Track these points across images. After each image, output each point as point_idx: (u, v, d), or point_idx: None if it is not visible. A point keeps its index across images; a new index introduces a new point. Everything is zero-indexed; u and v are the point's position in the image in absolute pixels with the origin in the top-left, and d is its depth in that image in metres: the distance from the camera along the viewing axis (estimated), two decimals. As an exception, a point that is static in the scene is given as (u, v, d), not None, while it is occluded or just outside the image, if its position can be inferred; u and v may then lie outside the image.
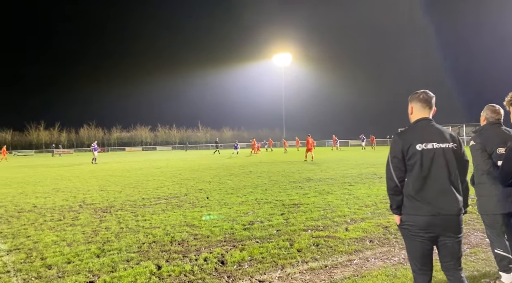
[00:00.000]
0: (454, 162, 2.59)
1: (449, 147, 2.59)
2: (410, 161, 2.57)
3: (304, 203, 7.98)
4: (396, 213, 2.71)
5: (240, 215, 6.97)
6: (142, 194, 10.21)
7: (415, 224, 2.56)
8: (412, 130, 2.67)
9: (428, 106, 2.71)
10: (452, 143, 2.62)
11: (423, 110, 2.71)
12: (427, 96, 2.71)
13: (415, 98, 2.74)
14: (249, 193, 9.69)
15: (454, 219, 2.54)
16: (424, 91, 2.75)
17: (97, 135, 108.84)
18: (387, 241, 5.09)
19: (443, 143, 2.59)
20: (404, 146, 2.58)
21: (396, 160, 2.61)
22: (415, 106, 2.74)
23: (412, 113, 2.78)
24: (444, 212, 2.51)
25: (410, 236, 2.62)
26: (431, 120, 2.71)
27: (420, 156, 2.54)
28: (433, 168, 2.54)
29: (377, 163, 19.36)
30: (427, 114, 2.71)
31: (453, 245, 2.59)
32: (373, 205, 7.62)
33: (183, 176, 15.30)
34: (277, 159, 27.85)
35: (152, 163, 26.95)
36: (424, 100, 2.71)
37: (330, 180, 12.37)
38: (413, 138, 2.59)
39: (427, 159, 2.54)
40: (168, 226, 6.20)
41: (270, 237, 5.40)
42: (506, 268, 3.53)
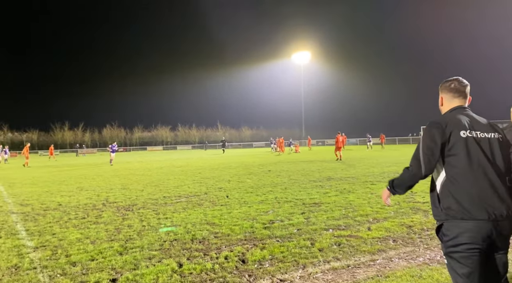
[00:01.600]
0: (501, 155, 2.17)
1: (494, 137, 2.21)
2: (452, 150, 2.16)
3: (325, 202, 7.88)
4: (393, 191, 2.43)
5: (260, 213, 6.94)
6: (163, 192, 10.33)
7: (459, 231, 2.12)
8: (450, 118, 2.27)
9: (462, 96, 2.37)
10: (497, 133, 2.24)
11: (456, 100, 2.38)
12: (460, 85, 2.38)
13: (446, 88, 2.42)
14: (269, 192, 9.66)
15: (504, 223, 2.10)
16: (457, 79, 2.41)
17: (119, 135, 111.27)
18: (411, 240, 4.96)
19: (487, 132, 2.21)
20: (444, 133, 2.17)
21: (430, 151, 2.18)
22: (446, 97, 2.42)
23: (442, 105, 2.45)
24: (494, 214, 2.07)
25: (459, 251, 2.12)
26: (467, 108, 2.36)
27: (465, 145, 2.14)
28: (481, 160, 2.12)
29: (399, 162, 18.99)
30: (462, 103, 2.37)
31: (501, 258, 2.16)
32: (396, 204, 7.45)
33: (203, 174, 15.41)
34: (296, 158, 27.70)
35: (173, 162, 27.27)
36: (455, 90, 2.37)
37: (351, 178, 12.19)
38: (455, 125, 2.20)
39: (474, 149, 2.14)
40: (189, 224, 6.23)
41: (290, 236, 5.35)
42: None
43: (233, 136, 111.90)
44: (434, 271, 3.79)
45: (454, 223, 2.13)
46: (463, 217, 2.10)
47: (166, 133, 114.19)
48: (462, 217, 2.10)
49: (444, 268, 3.80)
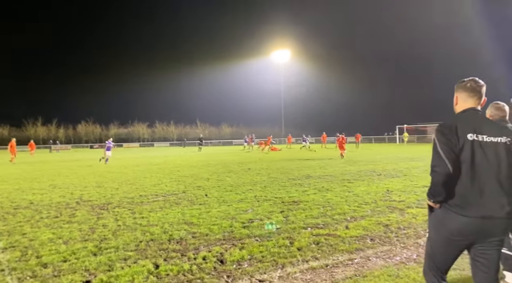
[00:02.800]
0: (506, 159, 2.27)
1: (501, 141, 2.29)
2: (459, 151, 2.27)
3: (303, 200, 7.92)
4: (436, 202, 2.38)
5: (240, 212, 6.90)
6: (139, 190, 10.12)
7: (453, 224, 2.28)
8: (460, 119, 2.37)
9: (477, 96, 2.42)
10: (506, 137, 2.30)
11: (471, 100, 2.43)
12: (476, 85, 2.43)
13: (461, 87, 2.47)
14: (248, 190, 9.62)
15: (499, 224, 2.23)
16: (473, 79, 2.47)
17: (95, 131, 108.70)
18: (388, 239, 5.03)
19: (495, 137, 2.29)
20: (455, 134, 2.27)
21: (448, 146, 2.27)
22: (461, 96, 2.47)
23: (457, 104, 2.50)
24: (491, 215, 2.21)
25: (442, 235, 2.33)
26: (479, 111, 2.43)
27: (470, 147, 2.25)
28: (483, 163, 2.25)
29: (376, 160, 19.34)
30: (475, 105, 2.43)
31: (493, 254, 2.30)
32: (372, 202, 7.57)
33: (181, 172, 15.21)
34: (275, 156, 27.80)
35: (150, 159, 26.84)
36: (471, 89, 2.43)
37: (329, 177, 12.32)
38: (464, 127, 2.30)
39: (478, 152, 2.25)
40: (166, 224, 6.12)
41: (269, 235, 5.33)
42: (511, 267, 3.53)
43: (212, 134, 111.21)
44: (411, 270, 3.85)
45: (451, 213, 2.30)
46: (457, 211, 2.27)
47: (143, 130, 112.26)
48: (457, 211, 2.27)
49: (420, 267, 3.86)
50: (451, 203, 2.30)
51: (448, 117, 2.53)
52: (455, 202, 2.28)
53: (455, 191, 2.28)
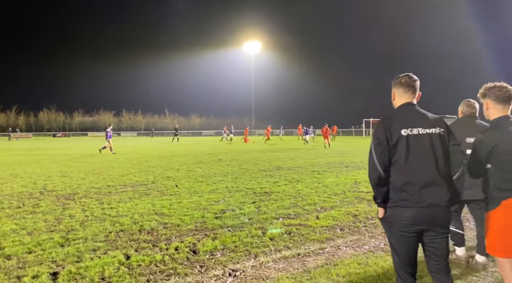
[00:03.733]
0: (441, 149, 2.40)
1: (435, 132, 2.41)
2: (394, 147, 2.39)
3: (274, 191, 8.01)
4: (380, 205, 2.50)
5: (211, 203, 6.88)
6: (107, 181, 9.86)
7: (401, 217, 2.37)
8: (396, 116, 2.51)
9: (411, 91, 2.55)
10: (439, 128, 2.44)
11: (406, 95, 2.56)
12: (410, 80, 2.56)
13: (397, 83, 2.60)
14: (220, 181, 9.60)
15: (442, 211, 2.36)
16: (407, 74, 2.59)
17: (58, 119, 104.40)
18: (357, 229, 5.19)
19: (429, 128, 2.41)
20: (388, 132, 2.40)
21: (380, 146, 2.41)
22: (397, 92, 2.60)
23: (394, 99, 2.64)
24: (432, 203, 2.32)
25: (395, 232, 2.42)
26: (415, 105, 2.55)
27: (405, 141, 2.37)
28: (419, 155, 2.36)
29: (343, 152, 19.81)
30: (410, 99, 2.56)
31: (441, 242, 2.41)
32: (341, 193, 7.77)
33: (150, 163, 14.94)
34: (246, 148, 27.84)
35: (117, 149, 26.12)
36: (406, 85, 2.56)
37: (299, 168, 12.50)
38: (398, 123, 2.42)
39: (412, 145, 2.37)
40: (136, 215, 6.01)
41: (242, 225, 5.36)
42: (458, 242, 3.94)
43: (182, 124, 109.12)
44: (379, 258, 4.00)
45: (396, 209, 2.40)
46: (402, 205, 2.37)
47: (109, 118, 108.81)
48: (401, 205, 2.37)
49: (388, 255, 4.02)
50: (395, 199, 2.39)
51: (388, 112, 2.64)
52: (398, 198, 2.38)
53: (396, 187, 2.39)
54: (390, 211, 2.44)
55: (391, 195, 2.43)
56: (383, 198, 2.46)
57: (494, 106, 2.71)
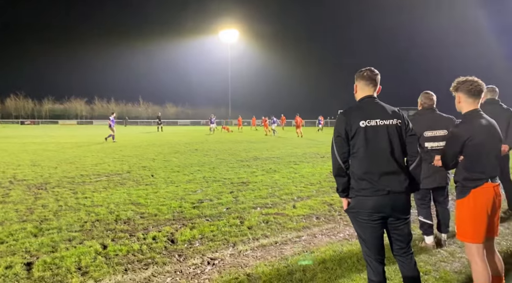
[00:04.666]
0: (397, 139, 2.52)
1: (392, 123, 2.53)
2: (353, 139, 2.50)
3: (252, 181, 8.09)
4: (342, 196, 2.61)
5: (188, 193, 6.89)
6: (80, 170, 9.66)
7: (363, 206, 2.47)
8: (356, 108, 2.61)
9: (372, 84, 2.65)
10: (396, 119, 2.55)
11: (367, 88, 2.65)
12: (371, 74, 2.65)
13: (359, 76, 2.68)
14: (196, 171, 9.60)
15: (402, 198, 2.49)
16: (369, 68, 2.69)
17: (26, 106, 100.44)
18: (332, 217, 5.35)
19: (386, 120, 2.53)
20: (348, 124, 2.50)
21: (339, 139, 2.52)
22: (359, 84, 2.69)
23: (356, 92, 2.73)
24: (391, 190, 2.44)
25: (360, 221, 2.52)
26: (375, 98, 2.66)
27: (363, 133, 2.47)
28: (377, 145, 2.48)
29: (319, 143, 20.12)
30: (371, 92, 2.65)
31: (403, 228, 2.55)
32: (317, 183, 7.94)
33: (124, 152, 14.70)
34: (222, 138, 27.78)
35: (90, 137, 25.51)
36: (367, 78, 2.65)
37: (276, 158, 12.63)
38: (357, 116, 2.52)
39: (371, 136, 2.47)
40: (112, 204, 5.95)
41: (220, 215, 5.42)
42: (427, 231, 4.15)
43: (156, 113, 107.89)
44: (353, 245, 4.14)
45: (358, 199, 2.52)
46: (363, 194, 2.48)
47: (81, 106, 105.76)
48: (363, 194, 2.48)
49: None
50: (357, 188, 2.51)
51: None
52: (359, 186, 2.49)
53: (357, 176, 2.50)
54: (353, 201, 2.55)
55: (352, 184, 2.55)
56: (343, 187, 2.59)
57: (466, 100, 2.84)
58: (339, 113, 2.64)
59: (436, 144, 3.94)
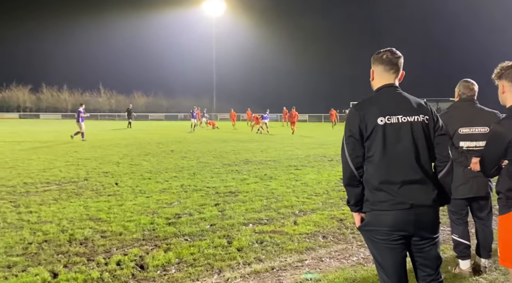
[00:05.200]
0: (424, 139, 2.51)
1: (418, 120, 2.51)
2: (369, 139, 2.48)
3: (242, 191, 8.11)
4: (354, 210, 2.60)
5: (162, 206, 6.89)
6: (23, 177, 9.64)
7: (381, 223, 2.45)
8: (373, 101, 2.59)
9: (393, 70, 2.63)
10: (423, 115, 2.54)
11: (387, 74, 2.64)
12: (392, 57, 2.63)
13: (377, 59, 2.67)
14: (173, 178, 9.62)
15: (428, 213, 2.47)
16: (389, 49, 2.67)
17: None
18: (342, 236, 5.37)
19: (410, 115, 2.51)
20: (362, 121, 2.48)
21: (352, 139, 2.51)
22: (377, 70, 2.68)
23: (373, 79, 2.73)
24: (415, 203, 2.42)
25: (377, 242, 2.50)
26: (397, 87, 2.65)
27: (382, 132, 2.45)
28: (398, 147, 2.46)
29: (326, 143, 20.24)
30: (391, 80, 2.64)
31: (430, 249, 2.53)
32: (324, 193, 7.97)
33: (80, 154, 14.70)
34: (206, 136, 27.81)
35: (36, 135, 25.35)
36: (388, 62, 2.63)
37: (272, 162, 12.68)
38: (374, 110, 2.50)
39: (391, 136, 2.46)
40: (64, 220, 5.93)
41: (202, 233, 5.42)
42: (461, 254, 4.15)
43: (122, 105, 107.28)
44: (369, 272, 4.16)
45: (374, 214, 2.49)
46: (380, 208, 2.45)
47: (24, 95, 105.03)
48: (380, 208, 2.45)
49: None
50: (372, 200, 2.49)
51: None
52: (376, 199, 2.47)
53: (373, 186, 2.49)
54: (368, 217, 2.54)
55: (367, 196, 2.53)
56: (356, 199, 2.57)
57: None
58: (351, 107, 2.64)
59: (473, 143, 3.97)
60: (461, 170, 3.93)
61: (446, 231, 5.34)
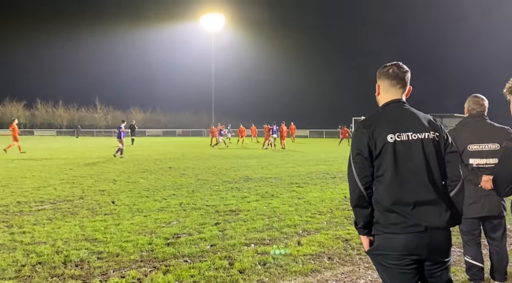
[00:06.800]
0: (436, 157, 2.48)
1: (429, 137, 2.49)
2: (379, 158, 2.44)
3: (243, 209, 8.06)
4: (363, 232, 2.55)
5: (161, 225, 6.83)
6: (16, 196, 9.58)
7: (392, 247, 2.39)
8: (380, 117, 2.58)
9: (400, 84, 2.62)
10: (433, 132, 2.52)
11: (393, 89, 2.62)
12: (399, 71, 2.62)
13: (383, 74, 2.66)
14: (171, 196, 9.58)
15: (442, 235, 2.43)
16: (396, 64, 2.66)
17: None
18: (349, 258, 5.30)
19: (421, 132, 2.49)
20: (371, 138, 2.45)
21: (360, 157, 2.47)
22: (383, 84, 2.67)
23: (379, 94, 2.72)
24: (429, 225, 2.37)
25: (388, 266, 2.44)
26: (404, 103, 2.63)
27: (392, 150, 2.42)
28: (410, 166, 2.42)
29: (329, 159, 20.20)
30: (398, 95, 2.62)
31: (441, 274, 2.48)
32: (328, 212, 7.91)
33: (76, 171, 14.68)
34: (204, 152, 27.80)
35: (30, 152, 25.34)
36: (394, 76, 2.61)
37: (273, 179, 12.64)
38: (383, 127, 2.48)
39: (402, 154, 2.42)
40: (59, 241, 5.86)
41: (202, 254, 5.36)
42: (474, 277, 4.11)
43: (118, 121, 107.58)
44: (378, 294, 4.09)
45: (385, 237, 2.44)
46: (392, 230, 2.40)
47: (18, 111, 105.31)
48: (392, 231, 2.40)
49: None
50: (383, 223, 2.44)
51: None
52: (387, 221, 2.42)
53: (384, 207, 2.43)
54: (378, 240, 2.47)
55: (377, 218, 2.47)
56: (365, 222, 2.51)
57: None
58: (359, 124, 2.61)
59: (484, 160, 3.94)
60: (472, 188, 3.90)
61: (456, 252, 5.27)
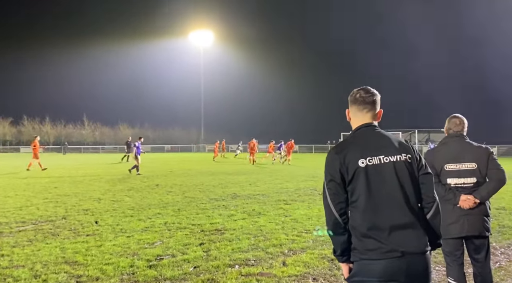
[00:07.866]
0: (409, 180, 2.48)
1: (401, 159, 2.49)
2: (352, 183, 2.44)
3: (229, 228, 8.01)
4: (342, 260, 2.52)
5: (144, 246, 6.75)
6: (-2, 216, 9.38)
7: (370, 274, 2.37)
8: (351, 142, 2.58)
9: (367, 109, 2.64)
10: (405, 154, 2.52)
11: (360, 114, 2.65)
12: (366, 95, 2.64)
13: (351, 99, 2.69)
14: (156, 215, 9.49)
15: (420, 260, 2.40)
16: (363, 88, 2.68)
17: None
18: (334, 279, 5.26)
19: (393, 155, 2.50)
20: (343, 164, 2.45)
21: (333, 184, 2.47)
22: (352, 110, 2.69)
23: (350, 119, 2.74)
24: (406, 251, 2.35)
25: None
26: (375, 126, 2.64)
27: (364, 174, 2.42)
28: (383, 190, 2.42)
29: (317, 175, 20.22)
30: (367, 119, 2.64)
31: None
32: (314, 230, 7.86)
33: (60, 190, 14.50)
34: (190, 168, 27.70)
35: (14, 170, 25.05)
36: (361, 101, 2.64)
37: (261, 196, 12.63)
38: (354, 152, 2.48)
39: (375, 177, 2.43)
40: (38, 264, 5.76)
41: (185, 277, 5.30)
42: None
43: (106, 137, 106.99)
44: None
45: (363, 263, 2.42)
46: (369, 257, 2.38)
47: (4, 128, 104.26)
48: (369, 257, 2.38)
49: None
50: (361, 249, 2.41)
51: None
52: (364, 247, 2.40)
53: (360, 233, 2.41)
54: (356, 267, 2.46)
55: (355, 245, 2.45)
56: (342, 248, 2.49)
57: None
58: (331, 150, 2.60)
59: (461, 180, 3.95)
60: (451, 207, 3.91)
61: (442, 271, 5.24)
